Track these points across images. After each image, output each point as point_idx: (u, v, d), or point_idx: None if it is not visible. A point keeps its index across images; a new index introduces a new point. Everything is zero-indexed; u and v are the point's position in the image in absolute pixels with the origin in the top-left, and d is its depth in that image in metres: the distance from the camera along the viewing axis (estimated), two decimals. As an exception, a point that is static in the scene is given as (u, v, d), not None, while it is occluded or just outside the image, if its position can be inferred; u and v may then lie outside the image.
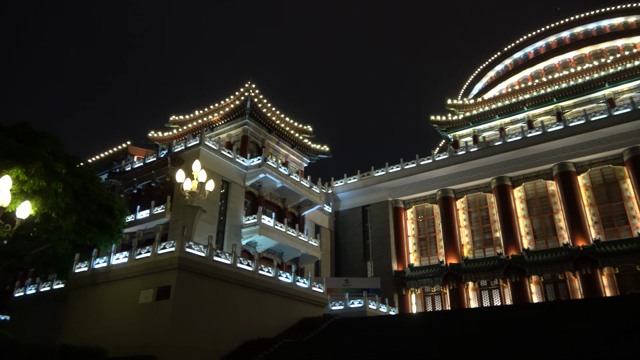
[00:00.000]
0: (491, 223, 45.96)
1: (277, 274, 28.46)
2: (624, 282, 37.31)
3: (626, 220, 39.44)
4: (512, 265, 41.31)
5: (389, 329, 26.88)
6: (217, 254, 24.90)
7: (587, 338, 16.87)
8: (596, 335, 16.91)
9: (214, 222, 36.76)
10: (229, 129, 46.69)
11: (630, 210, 39.55)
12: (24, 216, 16.11)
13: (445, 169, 48.30)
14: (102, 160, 51.05)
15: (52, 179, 21.76)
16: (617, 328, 17.51)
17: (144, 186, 41.15)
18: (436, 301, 45.69)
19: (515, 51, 72.19)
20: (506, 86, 66.38)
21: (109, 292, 24.62)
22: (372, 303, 37.70)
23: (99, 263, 25.68)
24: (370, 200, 51.78)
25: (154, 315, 21.95)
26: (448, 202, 47.72)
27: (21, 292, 34.15)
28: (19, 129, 24.25)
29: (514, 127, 53.12)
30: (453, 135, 56.89)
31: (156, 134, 51.06)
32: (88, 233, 24.44)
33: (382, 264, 48.04)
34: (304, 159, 52.24)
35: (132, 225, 36.87)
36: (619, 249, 37.21)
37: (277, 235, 39.44)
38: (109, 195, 26.39)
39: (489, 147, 46.72)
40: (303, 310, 29.97)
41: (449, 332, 22.39)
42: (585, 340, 16.74)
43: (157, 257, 23.25)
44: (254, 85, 45.78)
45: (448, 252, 45.69)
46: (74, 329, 24.70)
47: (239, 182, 40.42)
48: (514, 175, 45.34)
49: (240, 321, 24.80)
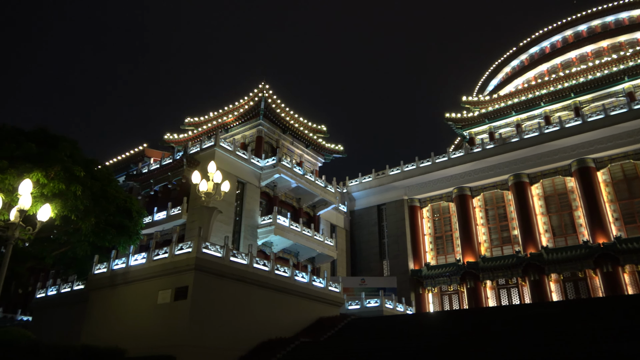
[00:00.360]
0: (509, 221, 45.40)
1: (293, 274, 28.52)
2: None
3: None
4: (531, 264, 40.75)
5: (407, 328, 26.73)
6: (234, 254, 25.05)
7: (608, 336, 16.57)
8: (617, 333, 16.59)
9: (230, 222, 36.99)
10: (244, 130, 46.93)
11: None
12: (44, 219, 16.40)
13: (461, 166, 47.86)
14: (120, 163, 51.77)
15: (71, 182, 22.14)
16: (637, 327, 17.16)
17: (161, 188, 41.60)
18: (453, 300, 45.30)
19: (531, 46, 71.15)
20: (522, 82, 65.50)
21: (127, 293, 24.93)
22: (389, 302, 37.55)
23: (118, 264, 26.03)
24: (386, 199, 51.56)
25: (172, 315, 22.17)
26: (464, 200, 47.28)
27: (42, 293, 34.79)
28: (39, 133, 24.73)
29: (530, 123, 52.38)
30: (469, 133, 56.32)
31: (172, 136, 51.57)
32: (107, 235, 24.81)
33: (398, 263, 47.82)
34: (319, 159, 52.25)
35: (150, 227, 37.30)
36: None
37: (292, 235, 39.53)
38: (127, 197, 26.75)
39: (505, 143, 46.15)
40: (319, 310, 29.98)
41: (467, 331, 22.19)
42: (606, 338, 16.43)
43: (174, 257, 23.48)
44: (267, 86, 45.93)
45: (465, 250, 45.27)
46: (94, 329, 25.07)
47: (254, 182, 40.61)
48: (531, 172, 44.70)
49: (257, 321, 24.91)
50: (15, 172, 20.68)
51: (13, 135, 23.02)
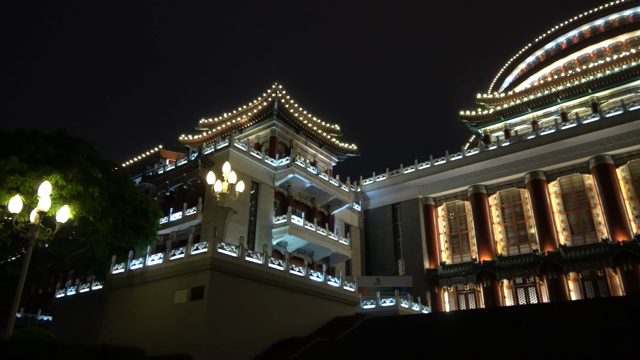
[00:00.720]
0: (525, 219, 44.84)
1: (308, 274, 28.54)
2: (669, 278, 35.76)
3: (670, 214, 37.79)
4: (549, 262, 40.19)
5: (422, 328, 26.57)
6: (249, 254, 25.16)
7: (630, 335, 16.25)
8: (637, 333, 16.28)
9: (244, 222, 37.18)
10: (257, 130, 47.12)
11: (674, 203, 37.88)
12: (63, 220, 16.69)
13: (476, 164, 47.41)
14: (136, 164, 52.40)
15: (89, 183, 22.45)
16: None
17: (176, 189, 41.99)
18: (470, 299, 44.90)
19: (547, 42, 70.20)
20: (538, 78, 64.65)
21: (145, 293, 25.21)
22: (404, 302, 37.37)
23: (135, 264, 26.33)
24: (400, 198, 51.32)
25: (189, 315, 22.36)
26: (480, 199, 46.82)
27: (62, 293, 35.37)
28: (57, 136, 25.15)
29: (547, 120, 51.67)
30: (484, 130, 55.74)
31: (186, 137, 52.00)
32: (124, 235, 25.09)
33: (413, 262, 47.57)
34: (332, 158, 52.21)
35: (166, 227, 37.66)
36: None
37: (307, 234, 39.57)
38: (143, 198, 27.03)
39: (521, 141, 45.58)
40: (335, 310, 29.96)
41: (484, 331, 21.96)
42: (628, 337, 16.12)
43: (190, 258, 23.67)
44: (280, 86, 46.05)
45: (481, 249, 44.84)
46: (112, 329, 25.40)
47: (268, 182, 40.76)
48: (548, 170, 44.07)
49: (273, 320, 24.98)
50: (35, 174, 21.04)
51: (32, 138, 23.44)
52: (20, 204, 15.69)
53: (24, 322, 46.44)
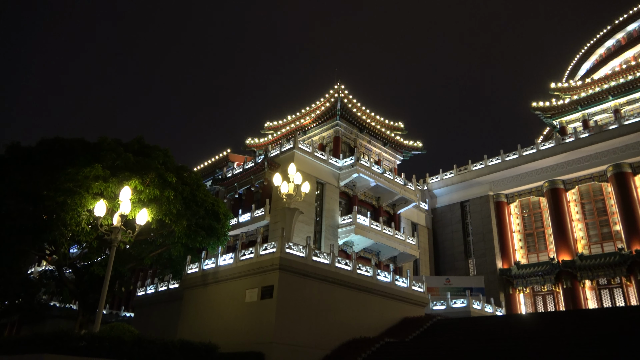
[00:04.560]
0: (609, 215, 41.65)
1: (375, 273, 28.28)
2: None
3: None
4: (637, 261, 37.03)
5: (496, 330, 25.44)
6: (316, 253, 25.35)
7: None
8: None
9: (310, 223, 37.57)
10: (321, 131, 47.45)
11: None
12: (142, 222, 17.73)
13: (551, 158, 44.70)
14: (206, 168, 54.67)
15: (165, 187, 23.70)
16: None
17: (245, 191, 43.28)
18: (548, 301, 42.43)
19: (629, 23, 64.68)
20: (619, 63, 59.79)
21: (217, 292, 26.17)
22: (476, 303, 36.02)
23: (208, 264, 27.40)
24: (469, 196, 49.55)
25: (260, 313, 22.91)
26: (557, 194, 44.10)
27: (142, 291, 37.58)
28: (135, 143, 26.80)
29: (631, 107, 47.65)
30: (559, 122, 52.45)
31: (253, 141, 53.45)
32: (197, 236, 26.21)
33: (485, 261, 45.74)
34: (397, 156, 51.45)
35: (235, 228, 38.92)
36: None
37: (373, 234, 39.27)
38: (214, 201, 28.08)
39: (602, 131, 42.38)
40: (403, 310, 29.45)
41: (566, 334, 20.64)
42: None
43: (259, 258, 24.26)
44: (342, 86, 46.07)
45: (559, 248, 42.20)
46: (188, 326, 26.61)
47: (333, 182, 40.91)
48: (634, 162, 40.58)
49: (341, 320, 25.00)
50: (116, 180, 22.53)
51: (113, 146, 25.13)
52: (104, 208, 16.84)
53: (109, 318, 49.99)
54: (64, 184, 21.73)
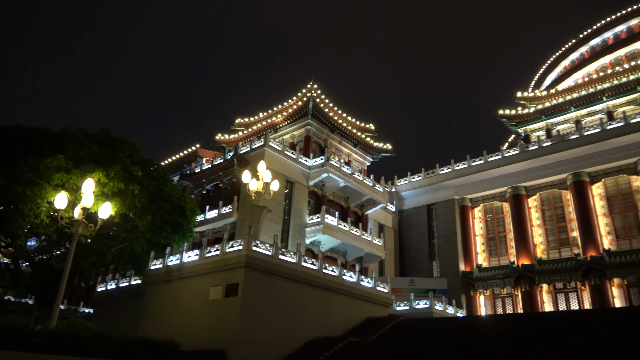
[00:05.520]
0: (567, 222, 43.26)
1: (341, 273, 28.49)
2: None
3: None
4: (592, 267, 38.61)
5: (457, 331, 26.07)
6: (283, 252, 25.35)
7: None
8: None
9: (278, 221, 37.50)
10: (292, 130, 47.41)
11: None
12: (105, 216, 17.30)
13: (515, 165, 46.06)
14: (174, 163, 53.74)
15: (130, 181, 23.16)
16: None
17: (213, 187, 42.80)
18: (507, 304, 43.73)
19: (592, 38, 67.38)
20: (582, 75, 62.14)
21: (181, 288, 25.82)
22: (439, 304, 36.77)
23: (172, 260, 26.99)
24: (436, 199, 50.49)
25: (224, 311, 22.74)
26: (519, 200, 45.49)
27: (103, 287, 36.66)
28: (101, 135, 26.08)
29: (591, 119, 49.64)
30: (524, 130, 54.10)
31: (223, 137, 52.89)
32: (162, 232, 25.71)
33: (448, 264, 46.72)
34: (367, 158, 51.94)
35: (202, 225, 38.45)
36: None
37: (340, 234, 39.53)
38: (181, 196, 27.65)
39: (564, 140, 43.96)
40: (367, 310, 29.79)
41: (521, 336, 21.34)
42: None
43: (225, 255, 24.07)
44: (315, 85, 46.17)
45: (519, 252, 43.55)
46: (150, 323, 26.12)
47: (302, 182, 40.95)
48: (592, 171, 42.32)
49: (306, 319, 25.08)
50: (79, 172, 21.86)
51: (78, 137, 24.37)
52: (65, 200, 16.37)
53: (67, 313, 48.42)
54: (24, 174, 20.97)
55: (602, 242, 40.02)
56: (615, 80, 48.91)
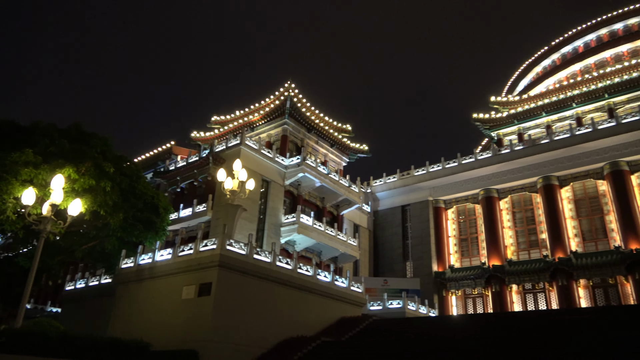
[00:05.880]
0: (537, 224, 44.37)
1: (315, 273, 28.55)
2: (683, 288, 35.19)
3: (685, 223, 37.15)
4: (559, 268, 39.71)
5: (429, 331, 26.44)
6: (257, 252, 25.23)
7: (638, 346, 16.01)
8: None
9: (254, 220, 37.31)
10: (269, 129, 47.22)
11: (689, 212, 37.23)
12: (75, 213, 16.89)
13: (488, 168, 47.00)
14: (148, 160, 52.82)
15: (101, 178, 22.70)
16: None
17: (187, 185, 42.27)
18: (477, 303, 44.58)
19: (564, 45, 69.33)
20: (554, 82, 63.88)
21: (153, 288, 25.42)
22: (412, 304, 37.22)
23: (144, 259, 26.55)
24: (410, 200, 51.07)
25: (196, 310, 22.50)
26: (491, 202, 46.44)
27: (72, 285, 35.79)
28: (72, 130, 25.47)
29: (561, 124, 51.03)
30: (497, 134, 55.27)
31: (199, 134, 52.31)
32: (134, 230, 25.31)
33: (422, 264, 47.33)
34: (343, 158, 52.16)
35: (176, 223, 37.94)
36: (677, 253, 35.09)
37: (315, 234, 39.58)
38: (154, 194, 27.25)
39: (535, 145, 45.09)
40: (341, 310, 29.93)
41: (493, 335, 21.80)
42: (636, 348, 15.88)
43: (199, 254, 23.81)
44: (293, 85, 46.10)
45: (491, 253, 44.47)
46: (120, 322, 25.64)
47: (278, 181, 40.84)
48: (561, 175, 43.56)
49: (280, 319, 25.04)
50: (48, 168, 21.30)
51: (48, 131, 23.77)
52: (33, 196, 15.91)
53: (33, 313, 47.10)
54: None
55: (570, 244, 41.22)
56: (584, 88, 50.40)
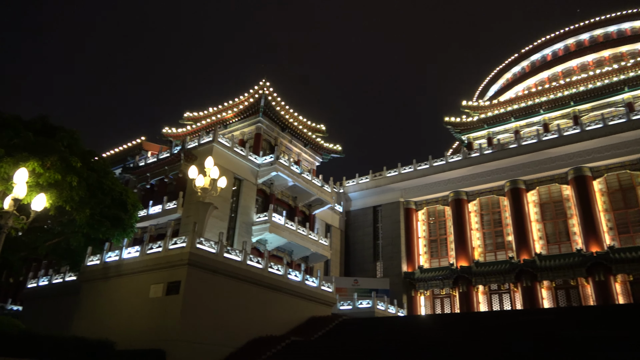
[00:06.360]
0: (503, 226, 45.51)
1: (286, 272, 28.52)
2: (639, 290, 36.73)
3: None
4: (524, 270, 40.86)
5: (398, 330, 26.78)
6: (228, 250, 25.03)
7: (599, 344, 16.64)
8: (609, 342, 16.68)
9: (225, 218, 36.97)
10: (243, 127, 46.87)
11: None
12: (38, 208, 16.36)
13: (458, 170, 47.93)
14: (117, 155, 51.66)
15: (68, 172, 22.03)
16: (628, 336, 17.23)
17: (157, 182, 41.53)
18: (445, 304, 45.40)
19: (533, 53, 71.33)
20: (523, 88, 65.64)
21: (120, 286, 24.90)
22: (381, 304, 37.60)
23: (111, 257, 25.98)
24: (382, 201, 51.60)
25: (164, 310, 22.15)
26: (460, 204, 47.37)
27: (34, 283, 34.69)
28: (37, 122, 24.65)
29: (529, 130, 52.51)
30: (467, 137, 56.41)
31: (170, 130, 51.48)
32: (101, 227, 24.72)
33: (392, 264, 47.87)
34: (316, 158, 52.25)
35: (145, 220, 37.23)
36: (635, 255, 36.58)
37: (287, 233, 39.52)
38: (123, 190, 26.66)
39: (503, 149, 46.24)
40: (311, 309, 30.01)
41: (459, 334, 22.25)
42: (597, 346, 16.51)
43: (168, 252, 23.45)
44: (268, 83, 45.89)
45: (459, 254, 45.37)
46: (84, 322, 25.01)
47: (251, 179, 40.59)
48: (528, 179, 44.81)
49: (249, 318, 24.91)
50: (12, 161, 20.56)
51: (12, 123, 22.91)
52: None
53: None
54: (-53, 160, 19.49)
55: (535, 247, 42.45)
56: (551, 95, 52.01)
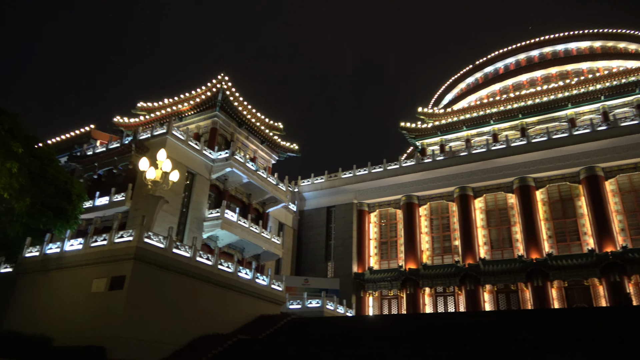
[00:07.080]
0: (451, 231, 47.00)
1: (237, 270, 28.25)
2: (572, 295, 38.98)
3: (578, 236, 41.18)
4: (468, 274, 42.38)
5: (345, 330, 27.09)
6: (177, 246, 24.50)
7: (538, 347, 17.51)
8: (547, 345, 17.58)
9: (175, 213, 36.12)
10: (198, 120, 45.95)
11: (582, 227, 41.32)
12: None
13: (411, 175, 49.08)
14: (63, 143, 49.21)
15: (7, 158, 20.92)
16: (563, 338, 18.24)
17: (105, 172, 40.01)
18: (393, 305, 46.38)
19: (487, 65, 74.10)
20: (475, 99, 68.05)
21: (60, 280, 23.84)
22: (330, 303, 37.92)
23: (52, 248, 24.80)
24: (336, 202, 52.06)
25: (106, 305, 21.41)
26: (411, 208, 48.53)
27: (-34, 273, 32.56)
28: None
29: (479, 139, 54.52)
30: (421, 143, 57.88)
31: (122, 120, 49.69)
32: (42, 217, 23.64)
33: (342, 265, 48.38)
34: (273, 156, 52.01)
35: (90, 212, 35.75)
36: (570, 263, 38.75)
37: (239, 230, 39.12)
38: (68, 179, 25.58)
39: (454, 156, 47.77)
40: (261, 307, 29.86)
41: (403, 334, 22.78)
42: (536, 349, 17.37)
43: (113, 245, 22.68)
44: (227, 77, 45.22)
45: (408, 257, 46.46)
46: (20, 316, 23.78)
47: (204, 174, 39.87)
48: (476, 186, 46.53)
49: (197, 315, 24.49)
50: (-55, 144, 19.30)
51: (-55, 103, 21.47)
52: None
53: None
54: None
55: (479, 252, 44.14)
56: (501, 107, 54.22)
